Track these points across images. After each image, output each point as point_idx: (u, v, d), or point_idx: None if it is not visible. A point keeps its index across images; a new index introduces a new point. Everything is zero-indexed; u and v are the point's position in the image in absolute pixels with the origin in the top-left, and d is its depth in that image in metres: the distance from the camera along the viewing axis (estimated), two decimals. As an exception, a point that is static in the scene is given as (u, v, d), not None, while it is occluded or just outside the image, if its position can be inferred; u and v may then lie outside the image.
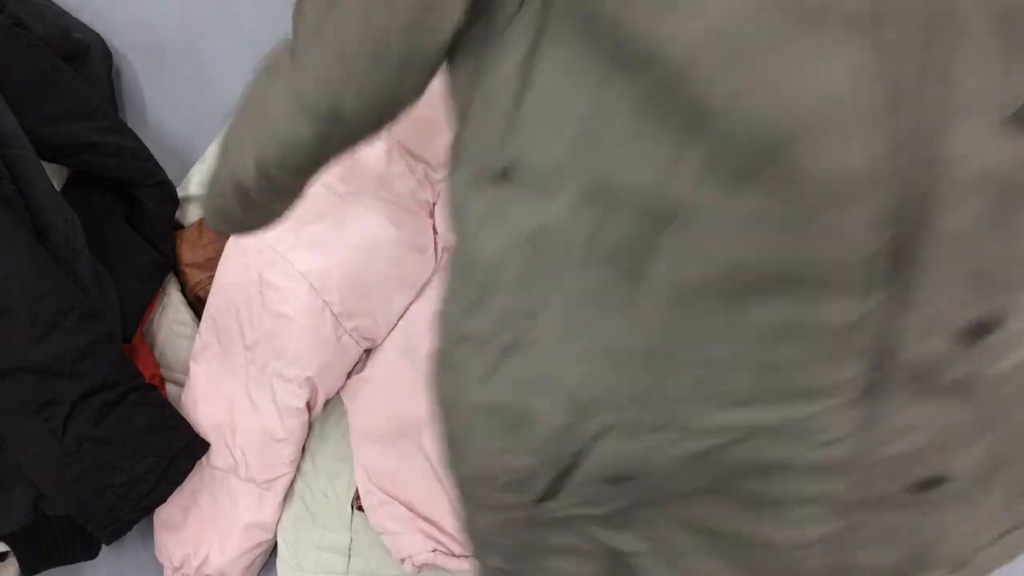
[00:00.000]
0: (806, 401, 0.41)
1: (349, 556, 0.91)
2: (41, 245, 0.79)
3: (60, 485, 0.77)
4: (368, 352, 0.92)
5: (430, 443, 0.88)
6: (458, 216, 0.49)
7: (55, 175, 0.87)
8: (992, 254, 0.39)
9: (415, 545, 0.84)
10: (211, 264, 0.94)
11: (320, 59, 0.47)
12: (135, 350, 0.92)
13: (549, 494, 0.48)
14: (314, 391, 0.88)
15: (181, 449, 0.84)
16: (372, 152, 0.90)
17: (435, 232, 0.92)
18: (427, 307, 0.92)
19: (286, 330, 0.87)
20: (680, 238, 0.40)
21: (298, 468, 0.92)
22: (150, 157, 0.93)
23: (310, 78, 0.47)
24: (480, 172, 0.47)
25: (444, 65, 0.50)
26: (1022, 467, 0.47)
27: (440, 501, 0.86)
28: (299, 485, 0.92)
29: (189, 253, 0.96)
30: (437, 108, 0.91)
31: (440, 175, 0.90)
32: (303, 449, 0.92)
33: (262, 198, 0.53)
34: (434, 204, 0.92)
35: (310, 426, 0.91)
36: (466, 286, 0.48)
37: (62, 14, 1.00)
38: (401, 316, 0.92)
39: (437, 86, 0.93)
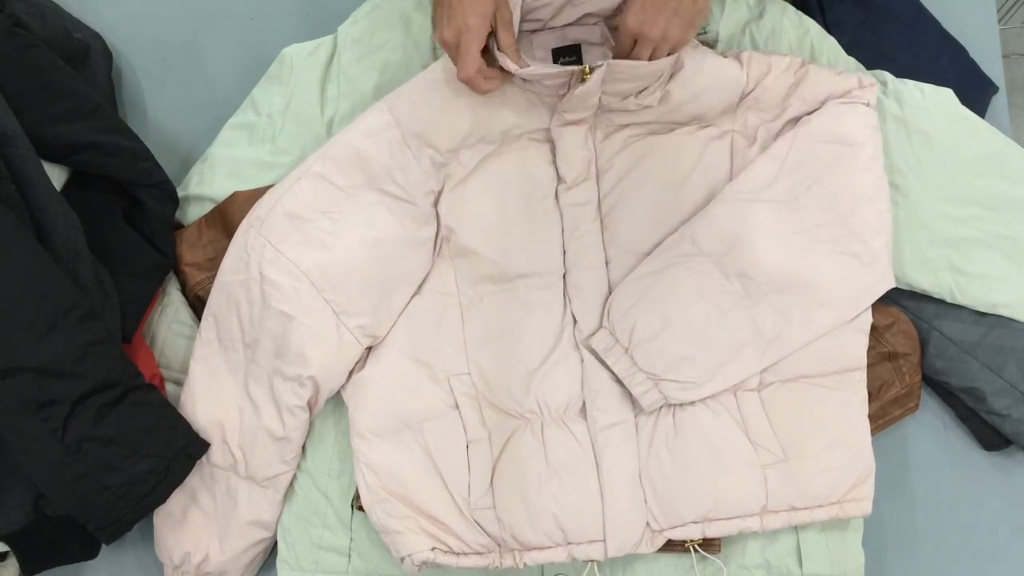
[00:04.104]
0: None
1: (349, 556, 0.91)
2: (41, 245, 0.79)
3: (60, 485, 0.77)
4: (369, 349, 0.92)
5: (431, 440, 0.88)
6: None
7: (55, 175, 0.87)
8: None
9: (415, 543, 0.84)
10: (211, 264, 0.94)
11: None
12: (135, 350, 0.92)
13: None
14: (316, 390, 0.88)
15: (181, 449, 0.84)
16: (374, 143, 0.90)
17: (438, 222, 0.92)
18: (427, 302, 0.92)
19: (287, 328, 0.87)
20: None
21: (298, 467, 0.92)
22: (150, 157, 0.93)
23: None
24: None
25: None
26: None
27: (440, 499, 0.86)
28: (299, 484, 0.92)
29: (189, 253, 0.96)
30: (446, 92, 0.91)
31: (444, 158, 0.90)
32: (303, 448, 0.92)
33: None
34: (439, 192, 0.92)
35: (310, 424, 0.91)
36: None
37: (62, 14, 1.00)
38: (402, 312, 0.92)
39: (445, 71, 0.94)
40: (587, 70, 0.84)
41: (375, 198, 0.90)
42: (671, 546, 0.87)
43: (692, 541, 0.87)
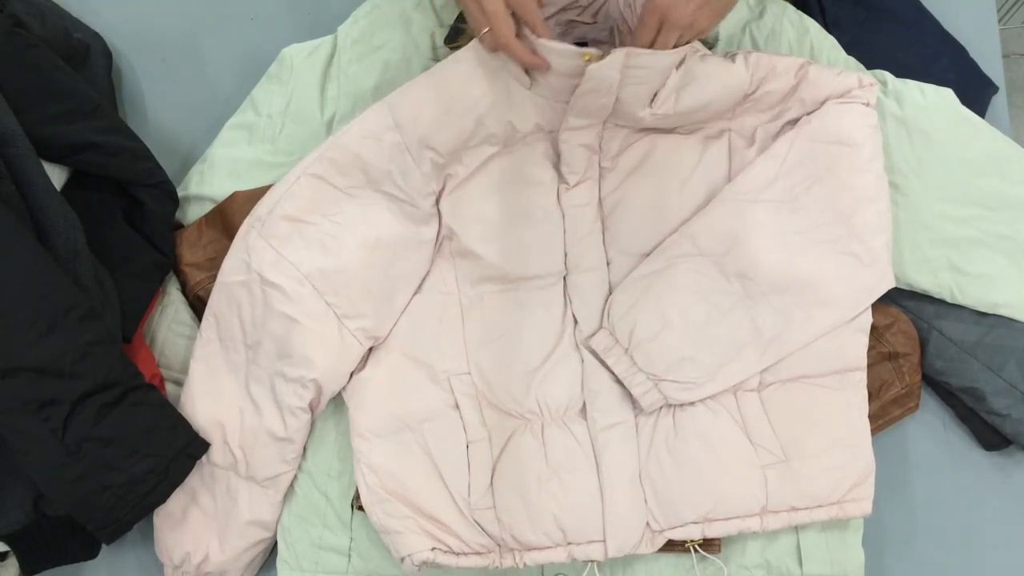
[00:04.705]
0: None
1: (349, 556, 0.91)
2: (41, 245, 0.79)
3: (60, 485, 0.77)
4: (370, 349, 0.92)
5: (431, 440, 0.88)
6: None
7: (55, 175, 0.87)
8: None
9: (415, 543, 0.84)
10: (211, 264, 0.94)
11: None
12: (135, 350, 0.92)
13: None
14: (318, 392, 0.88)
15: (181, 449, 0.84)
16: (374, 146, 0.89)
17: (439, 223, 0.92)
18: (427, 300, 0.92)
19: (290, 331, 0.87)
20: None
21: (298, 467, 0.92)
22: (150, 157, 0.93)
23: None
24: None
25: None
26: None
27: (440, 498, 0.86)
28: (299, 484, 0.92)
29: (189, 253, 0.96)
30: (448, 94, 0.91)
31: (445, 160, 0.90)
32: (303, 448, 0.92)
33: None
34: (440, 192, 0.91)
35: (311, 424, 0.91)
36: None
37: (62, 14, 1.00)
38: (402, 312, 0.92)
39: (448, 76, 0.93)
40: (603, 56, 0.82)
41: (376, 199, 0.90)
42: (671, 546, 0.87)
43: (692, 541, 0.87)
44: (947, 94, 0.94)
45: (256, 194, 0.93)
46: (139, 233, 0.93)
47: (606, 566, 0.89)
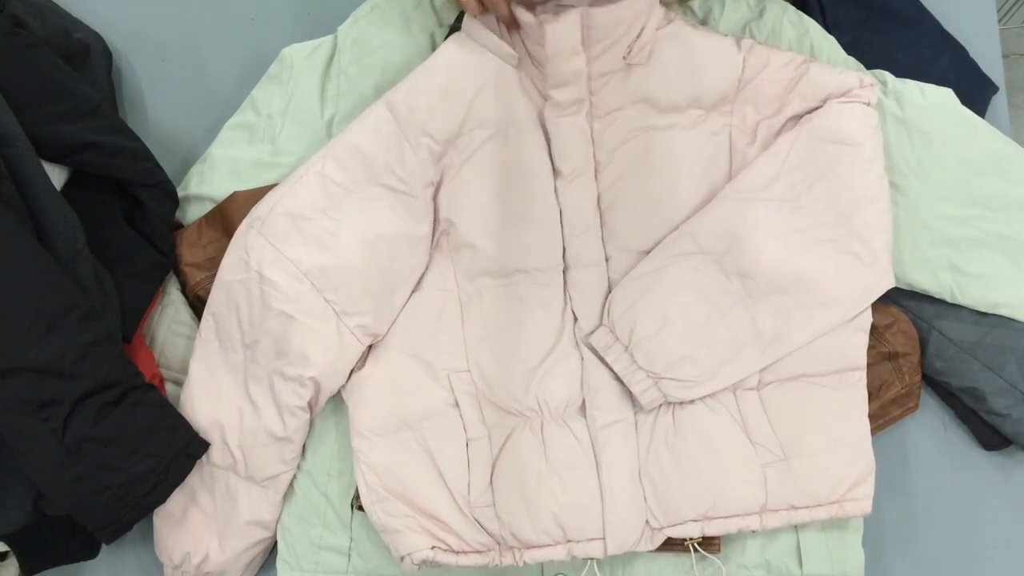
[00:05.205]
0: None
1: (349, 556, 0.91)
2: (41, 245, 0.79)
3: (60, 485, 0.77)
4: (369, 347, 0.92)
5: (431, 439, 0.88)
6: None
7: (55, 175, 0.87)
8: None
9: (414, 542, 0.84)
10: (211, 264, 0.94)
11: None
12: (135, 350, 0.92)
13: None
14: (317, 390, 0.88)
15: (181, 449, 0.84)
16: (373, 139, 0.89)
17: (436, 216, 0.91)
18: (426, 298, 0.92)
19: (288, 329, 0.87)
20: None
21: (298, 467, 0.92)
22: (150, 157, 0.93)
23: None
24: None
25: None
26: None
27: (440, 497, 0.86)
28: (299, 484, 0.92)
29: (189, 253, 0.96)
30: (441, 80, 0.91)
31: (442, 147, 0.89)
32: (303, 447, 0.92)
33: None
34: (439, 184, 0.91)
35: (310, 424, 0.91)
36: None
37: (62, 14, 1.00)
38: (401, 309, 0.92)
39: (439, 63, 0.92)
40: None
41: (375, 193, 0.90)
42: (671, 544, 0.87)
43: (692, 540, 0.87)
44: (947, 94, 0.94)
45: (256, 194, 0.94)
46: (139, 233, 0.93)
47: (606, 564, 0.89)
